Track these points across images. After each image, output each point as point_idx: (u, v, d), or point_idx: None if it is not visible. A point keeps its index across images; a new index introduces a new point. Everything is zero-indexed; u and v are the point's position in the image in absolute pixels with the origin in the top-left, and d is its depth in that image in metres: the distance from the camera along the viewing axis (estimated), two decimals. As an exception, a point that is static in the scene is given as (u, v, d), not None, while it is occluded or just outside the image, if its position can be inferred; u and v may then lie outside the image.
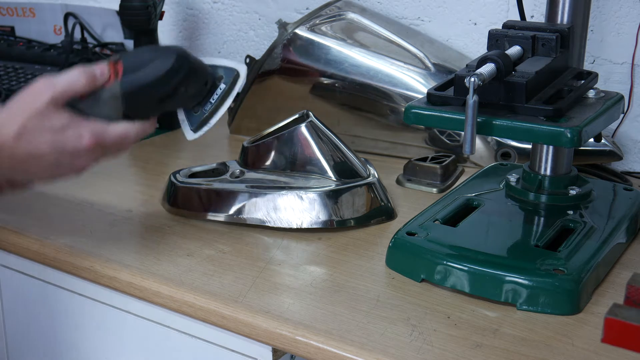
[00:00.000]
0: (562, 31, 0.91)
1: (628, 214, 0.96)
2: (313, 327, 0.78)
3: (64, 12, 1.72)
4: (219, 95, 0.89)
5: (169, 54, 0.85)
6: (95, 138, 0.83)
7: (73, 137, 0.82)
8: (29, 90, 0.82)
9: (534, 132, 0.81)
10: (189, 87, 0.86)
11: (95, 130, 0.83)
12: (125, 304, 0.92)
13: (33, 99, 0.81)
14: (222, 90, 0.89)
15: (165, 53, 0.85)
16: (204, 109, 0.90)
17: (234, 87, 0.90)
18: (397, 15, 1.40)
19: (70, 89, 0.82)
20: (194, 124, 0.90)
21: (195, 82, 0.87)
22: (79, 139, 0.82)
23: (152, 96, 0.85)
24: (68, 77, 0.83)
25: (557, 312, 0.80)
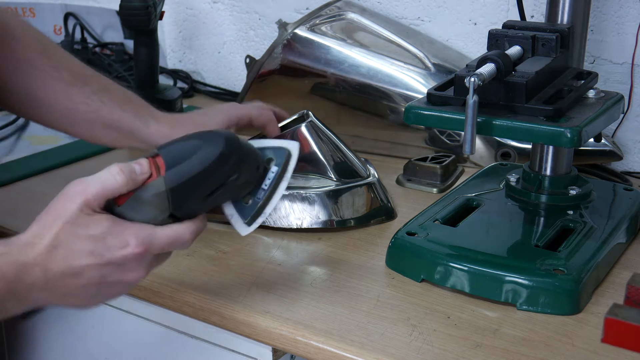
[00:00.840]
0: (562, 31, 0.91)
1: (628, 214, 0.96)
2: (313, 327, 0.78)
3: (64, 12, 1.72)
4: (272, 180, 0.77)
5: (216, 140, 0.73)
6: (143, 244, 0.70)
7: (117, 245, 0.69)
8: (60, 196, 0.71)
9: (534, 132, 0.81)
10: (241, 175, 0.74)
11: (142, 235, 0.70)
12: (125, 304, 0.92)
13: (64, 206, 0.69)
14: (274, 173, 0.77)
15: (212, 139, 0.73)
16: (257, 198, 0.77)
17: (287, 167, 0.77)
18: (397, 15, 1.40)
19: (107, 190, 0.70)
20: (246, 216, 0.77)
21: (248, 168, 0.75)
22: (123, 246, 0.69)
23: (201, 189, 0.72)
24: (103, 176, 0.70)
25: (557, 312, 0.80)
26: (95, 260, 0.69)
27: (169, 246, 0.73)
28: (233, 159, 0.73)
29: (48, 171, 1.19)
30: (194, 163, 0.71)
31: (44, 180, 1.17)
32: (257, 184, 0.77)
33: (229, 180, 0.73)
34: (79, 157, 1.24)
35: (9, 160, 1.24)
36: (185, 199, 0.72)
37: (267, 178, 0.77)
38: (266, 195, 0.77)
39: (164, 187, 0.71)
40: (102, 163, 0.96)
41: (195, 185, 0.72)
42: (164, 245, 0.72)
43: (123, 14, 1.35)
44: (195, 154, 0.72)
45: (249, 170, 0.75)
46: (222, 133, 0.74)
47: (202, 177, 0.72)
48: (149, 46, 1.38)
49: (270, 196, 0.77)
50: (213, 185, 0.73)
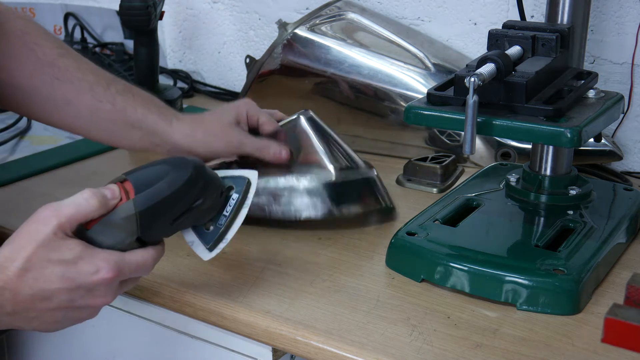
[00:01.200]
0: (562, 31, 0.91)
1: (628, 214, 0.96)
2: (313, 327, 0.78)
3: (64, 12, 1.72)
4: (232, 207, 0.79)
5: (184, 165, 0.75)
6: (113, 269, 0.71)
7: (88, 270, 0.70)
8: (32, 219, 0.71)
9: (534, 132, 0.81)
10: (206, 200, 0.76)
11: (113, 260, 0.71)
12: (125, 304, 0.92)
13: (37, 229, 0.70)
14: (235, 200, 0.79)
15: (180, 164, 0.75)
16: (219, 224, 0.79)
17: (247, 195, 0.80)
18: (397, 15, 1.40)
19: (80, 214, 0.71)
20: (208, 242, 0.79)
21: (212, 194, 0.77)
22: (95, 272, 0.70)
23: (169, 213, 0.74)
24: (76, 200, 0.71)
25: (557, 312, 0.80)
26: (66, 285, 0.70)
27: (135, 272, 0.74)
28: (200, 184, 0.75)
29: (48, 171, 1.19)
30: (163, 187, 0.73)
31: (44, 180, 1.17)
32: (218, 211, 0.79)
33: (195, 204, 0.76)
34: (79, 157, 1.24)
35: (9, 160, 1.24)
36: (154, 222, 0.74)
37: (228, 205, 0.79)
38: (227, 221, 0.79)
39: (133, 210, 0.72)
40: (102, 163, 0.96)
41: (163, 209, 0.74)
42: (132, 270, 0.73)
43: (123, 14, 1.35)
44: (163, 179, 0.74)
45: (213, 195, 0.78)
46: (189, 159, 0.77)
47: (170, 201, 0.74)
48: (149, 46, 1.38)
49: (232, 222, 0.79)
50: (180, 209, 0.75)
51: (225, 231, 0.79)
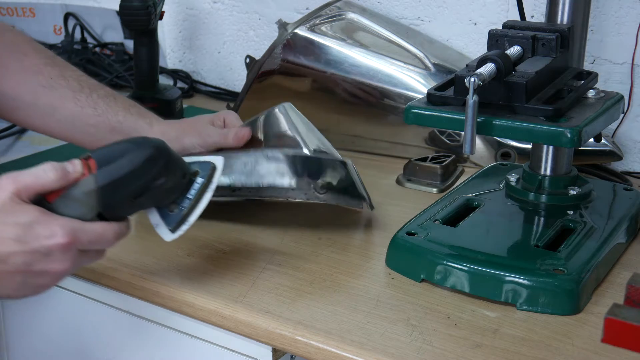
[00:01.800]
0: (562, 31, 0.91)
1: (628, 214, 0.96)
2: (313, 327, 0.78)
3: (64, 12, 1.72)
4: (197, 190, 0.80)
5: (146, 144, 0.77)
6: (69, 234, 0.72)
7: (43, 234, 0.71)
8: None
9: (534, 132, 0.81)
10: (168, 180, 0.77)
11: (70, 226, 0.72)
12: (125, 304, 0.92)
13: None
14: (199, 184, 0.81)
15: (142, 143, 0.77)
16: (182, 206, 0.80)
17: (212, 180, 0.81)
18: (397, 15, 1.40)
19: (38, 184, 0.73)
20: (171, 223, 0.80)
21: (174, 174, 0.78)
22: (50, 236, 0.71)
23: (130, 189, 0.76)
24: (35, 171, 0.73)
25: (557, 312, 0.80)
26: (20, 248, 0.71)
27: (94, 242, 0.75)
28: (160, 162, 0.77)
29: (48, 171, 1.19)
30: (124, 163, 0.75)
31: (44, 180, 1.16)
32: (182, 194, 0.80)
33: (156, 183, 0.77)
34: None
35: (9, 160, 1.24)
36: (114, 198, 0.75)
37: (192, 188, 0.81)
38: (191, 204, 0.80)
39: (94, 185, 0.74)
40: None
41: (123, 185, 0.75)
42: (90, 239, 0.74)
43: (123, 14, 1.35)
44: (125, 156, 0.75)
45: (175, 176, 0.79)
46: (152, 139, 0.78)
47: (130, 177, 0.75)
48: (149, 46, 1.38)
49: (195, 205, 0.80)
50: (141, 186, 0.76)
51: (188, 214, 0.80)
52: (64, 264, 0.73)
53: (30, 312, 1.04)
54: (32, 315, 1.04)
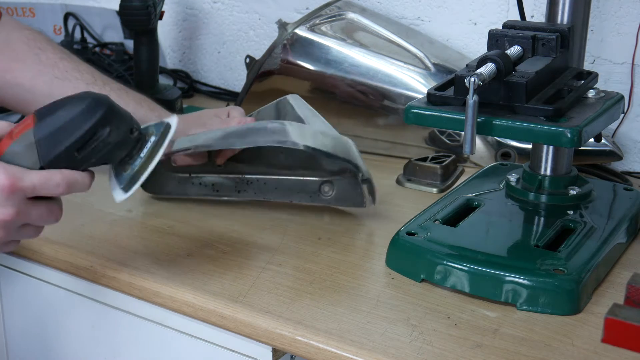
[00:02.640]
0: (562, 31, 0.91)
1: (628, 214, 0.96)
2: (313, 327, 0.78)
3: (64, 12, 1.72)
4: (148, 149, 0.79)
5: (85, 97, 0.76)
6: (11, 177, 0.71)
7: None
8: None
9: (534, 132, 0.81)
10: (112, 133, 0.76)
11: (12, 170, 0.72)
12: (126, 304, 0.92)
13: None
14: (151, 142, 0.79)
15: (82, 96, 0.76)
16: (134, 165, 0.79)
17: (164, 138, 0.79)
18: (397, 15, 1.40)
19: None
20: (122, 182, 0.79)
21: (117, 127, 0.76)
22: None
23: (68, 141, 0.74)
24: None
25: (557, 312, 0.80)
26: None
27: (41, 185, 0.73)
28: (99, 112, 0.75)
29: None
30: (61, 115, 0.75)
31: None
32: (134, 152, 0.79)
33: (98, 135, 0.75)
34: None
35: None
36: (53, 151, 0.74)
37: (144, 147, 0.79)
38: (142, 163, 0.79)
39: (32, 138, 0.74)
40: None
41: (61, 137, 0.74)
42: (35, 182, 0.73)
43: (123, 14, 1.35)
44: (63, 108, 0.75)
45: (119, 130, 0.76)
46: (93, 93, 0.77)
47: (68, 128, 0.74)
48: (149, 46, 1.38)
49: (146, 164, 0.79)
50: (81, 137, 0.75)
51: (140, 172, 0.79)
52: (9, 211, 0.72)
53: (29, 312, 1.04)
54: (31, 314, 1.04)
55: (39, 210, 0.76)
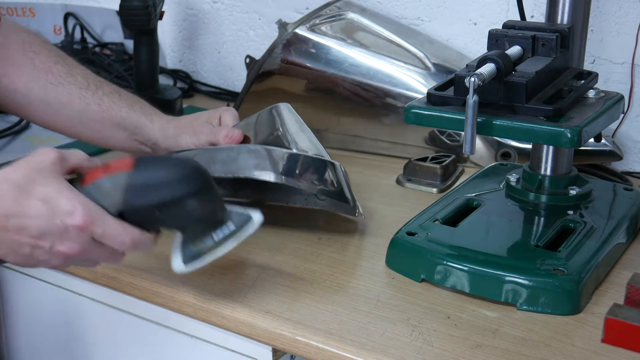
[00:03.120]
0: (562, 31, 0.91)
1: (628, 214, 0.96)
2: (313, 327, 0.78)
3: (64, 12, 1.72)
4: (224, 235, 0.78)
5: (187, 165, 0.76)
6: (88, 218, 0.72)
7: (65, 209, 0.72)
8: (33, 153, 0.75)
9: (534, 132, 0.81)
10: (198, 207, 0.75)
11: (91, 210, 0.73)
12: (125, 304, 0.92)
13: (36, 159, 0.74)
14: (229, 230, 0.79)
15: (185, 163, 0.77)
16: (204, 243, 0.78)
17: (243, 231, 0.79)
18: (397, 15, 1.40)
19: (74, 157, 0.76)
20: (187, 254, 0.79)
21: (204, 204, 0.76)
22: (70, 213, 0.72)
23: (155, 200, 0.74)
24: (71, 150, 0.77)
25: (557, 312, 0.80)
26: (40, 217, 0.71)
27: (109, 236, 0.74)
28: (195, 185, 0.75)
29: (48, 171, 1.19)
30: (160, 171, 0.75)
31: (44, 180, 1.16)
32: (209, 232, 0.78)
33: (184, 205, 0.75)
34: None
35: (9, 160, 1.24)
36: (138, 202, 0.74)
37: (220, 231, 0.79)
38: (212, 245, 0.78)
39: (125, 181, 0.74)
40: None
41: (151, 193, 0.74)
42: (106, 231, 0.73)
43: (123, 14, 1.35)
44: (163, 165, 0.76)
45: (206, 207, 0.77)
46: (197, 163, 0.78)
47: (160, 187, 0.74)
48: (149, 46, 1.38)
49: (215, 248, 0.78)
50: (168, 201, 0.75)
51: (206, 253, 0.78)
52: (73, 247, 0.73)
53: (30, 312, 1.04)
54: (31, 314, 1.04)
55: (103, 252, 0.76)
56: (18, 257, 0.74)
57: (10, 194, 0.72)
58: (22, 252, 0.73)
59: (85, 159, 0.76)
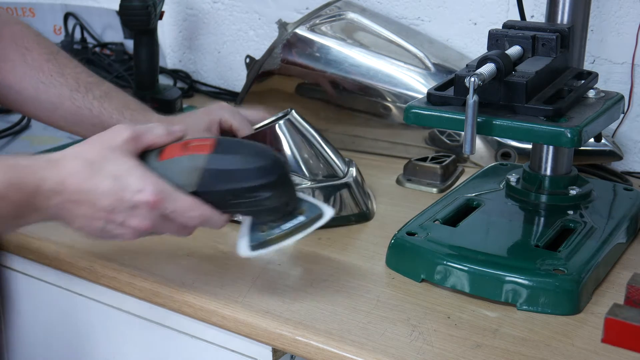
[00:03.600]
0: (562, 31, 0.91)
1: (628, 214, 0.96)
2: (313, 327, 0.78)
3: (64, 12, 1.72)
4: (293, 225, 0.79)
5: (267, 155, 0.77)
6: (157, 196, 0.75)
7: (135, 187, 0.75)
8: (107, 130, 0.79)
9: (534, 132, 0.81)
10: (271, 198, 0.76)
11: (161, 188, 0.75)
12: (125, 304, 0.92)
13: (110, 136, 0.77)
14: (299, 222, 0.79)
15: (265, 153, 0.77)
16: (272, 231, 0.79)
17: (312, 224, 0.79)
18: (397, 15, 1.40)
19: (150, 134, 0.78)
20: (254, 240, 0.79)
21: (279, 196, 0.77)
22: (140, 190, 0.74)
23: (230, 186, 0.76)
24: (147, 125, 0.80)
25: (557, 312, 0.80)
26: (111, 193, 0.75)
27: (179, 212, 0.76)
28: (271, 177, 0.76)
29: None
30: (238, 158, 0.76)
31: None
32: (279, 221, 0.79)
33: (258, 194, 0.76)
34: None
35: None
36: (213, 186, 0.76)
37: (290, 222, 0.80)
38: (280, 234, 0.79)
39: (202, 164, 0.75)
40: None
41: (227, 178, 0.76)
42: (175, 208, 0.76)
43: (123, 14, 1.35)
44: (243, 153, 0.76)
45: (280, 199, 0.77)
46: (277, 154, 0.79)
47: (237, 175, 0.75)
48: (149, 46, 1.38)
49: (284, 238, 0.79)
50: (243, 189, 0.76)
51: (274, 241, 0.79)
52: (144, 223, 0.76)
53: (30, 312, 1.04)
54: (31, 314, 1.04)
55: (172, 227, 0.78)
56: (91, 230, 0.78)
57: (83, 171, 0.75)
58: (95, 226, 0.77)
59: (162, 134, 0.79)
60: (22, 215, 0.76)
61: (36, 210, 0.76)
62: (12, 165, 0.75)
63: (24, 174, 0.74)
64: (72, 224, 0.78)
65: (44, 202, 0.75)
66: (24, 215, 0.76)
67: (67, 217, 0.77)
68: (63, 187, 0.75)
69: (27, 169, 0.75)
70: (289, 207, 0.79)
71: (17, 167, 0.75)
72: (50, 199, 0.75)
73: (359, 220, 1.02)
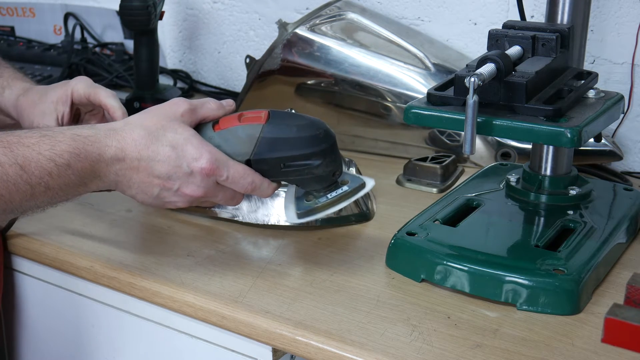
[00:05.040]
0: (562, 31, 0.91)
1: (628, 214, 0.96)
2: (313, 327, 0.78)
3: (64, 12, 1.72)
4: (338, 194, 0.85)
5: (319, 126, 0.82)
6: (213, 164, 0.79)
7: (192, 155, 0.79)
8: (166, 102, 0.84)
9: (534, 132, 0.81)
10: (321, 166, 0.81)
11: (216, 157, 0.80)
12: (125, 304, 0.92)
13: (169, 107, 0.82)
14: (343, 191, 0.85)
15: (317, 124, 0.82)
16: (318, 200, 0.85)
17: (355, 193, 0.85)
18: (397, 15, 1.40)
19: (204, 108, 0.83)
20: (301, 209, 0.85)
21: (328, 164, 0.82)
22: (197, 158, 0.79)
23: (284, 154, 0.81)
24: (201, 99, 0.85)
25: (557, 312, 0.80)
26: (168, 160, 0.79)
27: (232, 180, 0.81)
28: (323, 146, 0.81)
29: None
30: (292, 128, 0.81)
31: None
32: (324, 190, 0.85)
33: (309, 162, 0.81)
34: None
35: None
36: (267, 154, 0.81)
37: (334, 191, 0.85)
38: (326, 203, 0.85)
39: (258, 133, 0.80)
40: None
41: (282, 146, 0.81)
42: (229, 175, 0.80)
43: (123, 14, 1.35)
44: (297, 123, 0.81)
45: (327, 168, 0.82)
46: (326, 126, 0.83)
47: (291, 143, 0.80)
48: (149, 46, 1.38)
49: (329, 206, 0.85)
50: (296, 157, 0.81)
51: (319, 210, 0.85)
52: (198, 190, 0.81)
53: (31, 312, 1.04)
54: (32, 314, 1.04)
55: (225, 194, 0.83)
56: (147, 197, 0.82)
57: (143, 139, 0.79)
58: (151, 193, 0.81)
59: (215, 108, 0.84)
60: (85, 182, 0.79)
61: (98, 177, 0.80)
62: (76, 135, 0.78)
63: (88, 143, 0.78)
64: (128, 190, 0.82)
65: (105, 168, 0.79)
66: (86, 183, 0.79)
67: (124, 183, 0.81)
68: (124, 155, 0.79)
69: (90, 138, 0.79)
70: (334, 176, 0.84)
71: (80, 137, 0.78)
72: (111, 165, 0.79)
73: (359, 220, 1.02)
